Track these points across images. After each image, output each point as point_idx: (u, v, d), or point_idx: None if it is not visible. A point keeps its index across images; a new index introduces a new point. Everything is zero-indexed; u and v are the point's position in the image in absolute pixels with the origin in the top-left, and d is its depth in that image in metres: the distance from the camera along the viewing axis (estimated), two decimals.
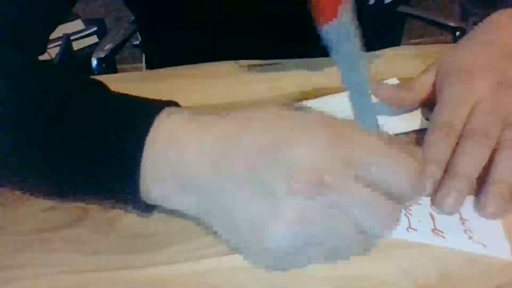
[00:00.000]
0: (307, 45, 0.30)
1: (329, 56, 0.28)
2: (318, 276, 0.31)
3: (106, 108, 0.32)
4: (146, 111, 0.31)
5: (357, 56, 0.27)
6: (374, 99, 0.30)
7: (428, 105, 0.44)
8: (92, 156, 0.31)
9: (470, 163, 0.35)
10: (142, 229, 0.34)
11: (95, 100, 0.33)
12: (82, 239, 0.33)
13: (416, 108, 0.45)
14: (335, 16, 0.24)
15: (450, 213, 0.34)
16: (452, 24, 1.00)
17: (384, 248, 0.32)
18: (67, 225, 0.34)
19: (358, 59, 0.27)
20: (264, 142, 0.29)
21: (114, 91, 0.34)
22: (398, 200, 0.29)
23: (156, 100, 0.33)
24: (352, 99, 0.29)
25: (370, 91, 0.29)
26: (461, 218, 0.34)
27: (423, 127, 0.43)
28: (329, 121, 0.29)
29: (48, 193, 0.36)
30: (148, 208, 0.33)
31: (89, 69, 0.92)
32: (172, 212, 0.33)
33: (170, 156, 0.30)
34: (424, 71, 0.45)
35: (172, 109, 0.32)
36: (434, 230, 0.33)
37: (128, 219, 0.34)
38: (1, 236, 0.34)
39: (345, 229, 0.28)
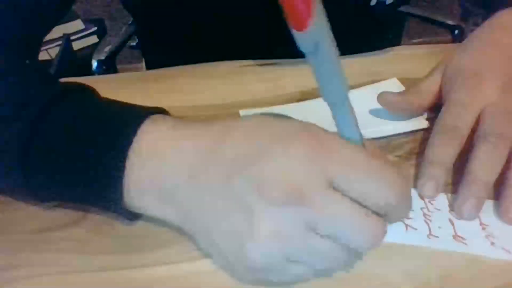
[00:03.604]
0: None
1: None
2: None
3: (89, 116, 0.32)
4: (130, 120, 0.31)
5: (334, 65, 0.25)
6: (354, 107, 0.27)
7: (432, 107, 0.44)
8: (74, 164, 0.31)
9: (487, 167, 0.34)
10: (142, 229, 0.34)
11: (78, 108, 0.32)
12: (82, 239, 0.33)
13: (422, 113, 0.44)
14: (307, 25, 0.22)
15: (469, 218, 0.34)
16: (450, 22, 1.00)
17: (384, 249, 0.32)
18: (67, 225, 0.34)
19: (335, 68, 0.25)
20: (240, 155, 0.28)
21: (99, 97, 0.34)
22: (381, 216, 0.27)
23: (142, 107, 0.32)
24: (332, 109, 0.27)
25: (349, 99, 0.27)
26: (481, 223, 0.34)
27: (424, 127, 0.43)
28: (310, 132, 0.28)
29: (29, 199, 0.35)
30: (133, 216, 0.33)
31: (89, 70, 0.92)
32: None
33: (150, 166, 0.30)
34: (429, 74, 0.44)
35: (157, 117, 0.31)
36: (455, 236, 0.33)
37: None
38: (1, 236, 0.34)
39: (324, 244, 0.27)
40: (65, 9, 0.51)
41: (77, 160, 0.31)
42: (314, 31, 0.22)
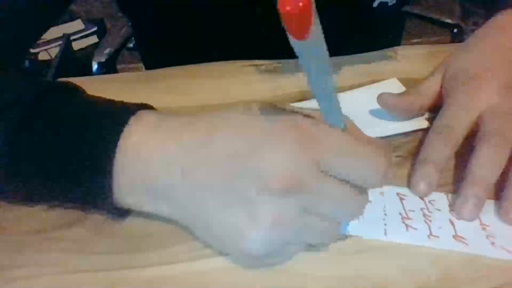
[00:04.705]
0: None
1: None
2: (317, 275, 0.31)
3: (75, 115, 0.32)
4: (117, 118, 0.31)
5: (324, 62, 0.26)
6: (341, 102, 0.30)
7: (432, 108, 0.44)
8: (62, 164, 0.31)
9: (488, 167, 0.34)
10: (142, 229, 0.34)
11: (65, 107, 0.32)
12: (82, 239, 0.33)
13: (423, 114, 0.44)
14: (305, 36, 0.23)
15: (470, 219, 0.34)
16: (450, 22, 1.00)
17: (384, 248, 0.32)
18: (67, 225, 0.34)
19: (324, 64, 0.26)
20: (235, 151, 0.28)
21: (85, 94, 0.34)
22: (365, 189, 0.30)
23: (128, 103, 0.32)
24: (319, 99, 0.29)
25: (335, 89, 0.28)
26: (481, 223, 0.34)
27: (424, 127, 0.43)
28: (297, 124, 0.29)
29: (24, 201, 0.35)
30: (123, 213, 0.33)
31: (89, 69, 0.93)
32: None
33: (139, 165, 0.30)
34: (430, 75, 0.44)
35: (144, 113, 0.31)
36: (456, 236, 0.33)
37: (128, 219, 0.34)
38: (1, 236, 0.34)
39: (320, 224, 0.29)
40: (62, 11, 0.51)
41: (65, 160, 0.30)
42: (312, 39, 0.23)
